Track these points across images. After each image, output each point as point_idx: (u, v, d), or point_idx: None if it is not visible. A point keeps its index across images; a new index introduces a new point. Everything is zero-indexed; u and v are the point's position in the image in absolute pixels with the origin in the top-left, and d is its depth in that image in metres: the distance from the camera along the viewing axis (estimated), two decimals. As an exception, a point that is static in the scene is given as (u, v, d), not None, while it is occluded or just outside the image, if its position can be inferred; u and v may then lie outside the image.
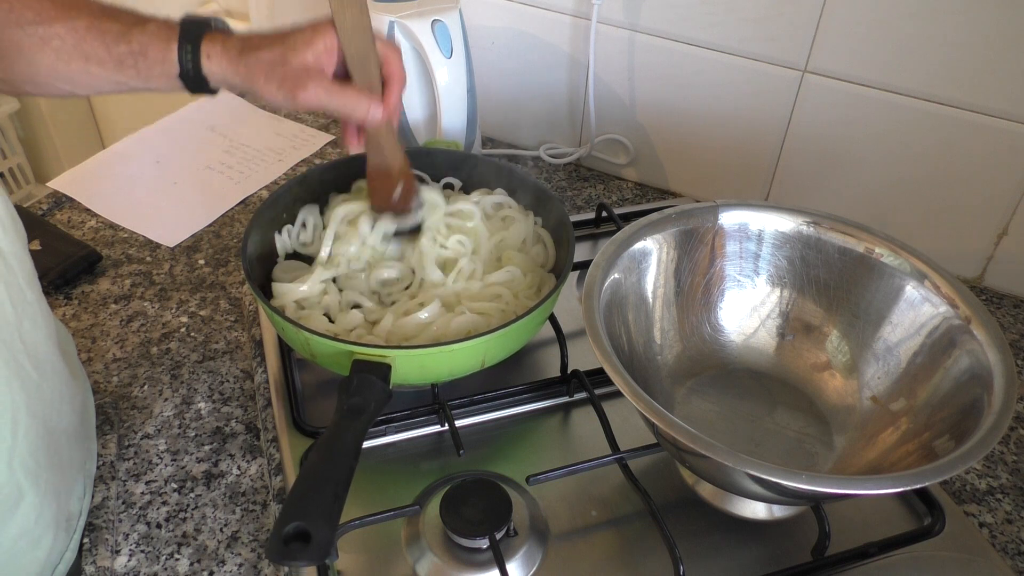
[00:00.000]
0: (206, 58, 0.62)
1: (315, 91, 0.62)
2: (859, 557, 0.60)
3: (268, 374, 0.73)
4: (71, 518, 0.61)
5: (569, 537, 0.62)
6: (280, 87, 0.61)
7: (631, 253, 0.67)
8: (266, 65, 0.61)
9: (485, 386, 0.71)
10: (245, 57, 0.62)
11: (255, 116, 1.15)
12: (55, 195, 0.98)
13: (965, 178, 0.86)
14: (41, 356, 0.56)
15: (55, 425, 0.58)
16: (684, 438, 0.52)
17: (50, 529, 0.57)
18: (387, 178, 0.72)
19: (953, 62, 0.80)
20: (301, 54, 0.62)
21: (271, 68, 0.61)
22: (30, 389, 0.54)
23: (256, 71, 0.62)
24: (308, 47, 0.62)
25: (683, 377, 0.70)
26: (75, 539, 0.62)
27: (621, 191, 1.06)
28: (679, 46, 0.94)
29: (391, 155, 0.71)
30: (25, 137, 1.99)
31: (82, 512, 0.63)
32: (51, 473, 0.57)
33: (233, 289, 0.87)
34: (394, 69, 0.66)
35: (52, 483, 0.57)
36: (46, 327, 0.57)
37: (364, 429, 0.57)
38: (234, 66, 0.62)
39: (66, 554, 0.61)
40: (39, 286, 0.58)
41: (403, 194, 0.73)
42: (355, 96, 0.64)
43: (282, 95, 0.62)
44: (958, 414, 0.58)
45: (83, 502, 0.63)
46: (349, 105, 0.63)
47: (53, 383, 0.58)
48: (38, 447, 0.55)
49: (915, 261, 0.66)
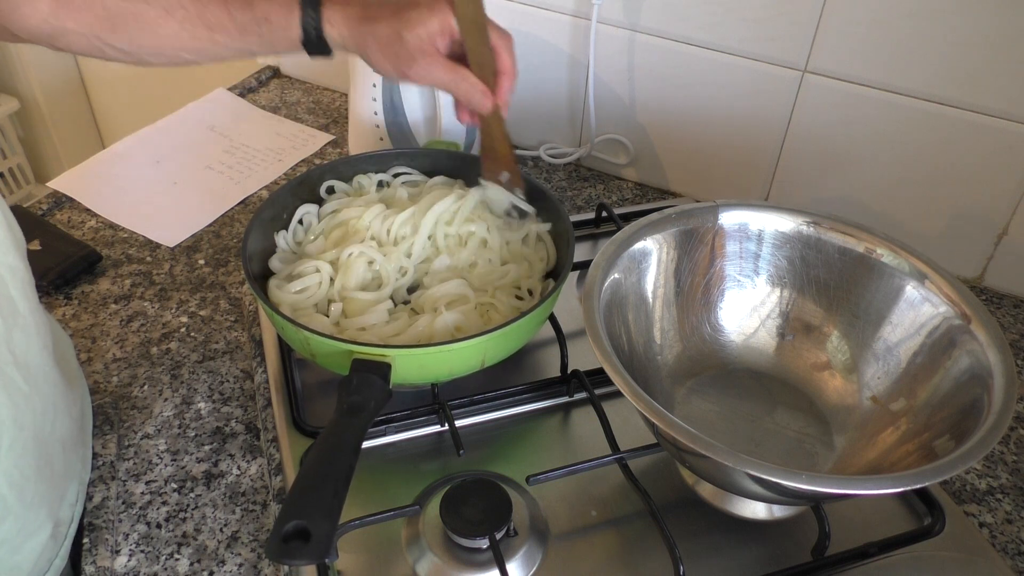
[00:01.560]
0: (328, 24, 0.64)
1: (425, 68, 0.65)
2: (859, 557, 0.60)
3: (268, 374, 0.73)
4: (60, 524, 0.60)
5: (569, 537, 0.62)
6: (392, 62, 0.65)
7: (631, 253, 0.67)
8: (381, 40, 0.64)
9: (485, 386, 0.71)
10: (363, 27, 0.65)
11: (255, 116, 1.15)
12: (55, 195, 0.98)
13: (965, 178, 0.86)
14: (33, 367, 0.55)
15: (48, 435, 0.57)
16: (684, 438, 0.52)
17: (35, 537, 0.57)
18: (494, 161, 0.76)
19: (953, 62, 0.80)
20: (416, 31, 0.64)
21: (386, 44, 0.64)
22: (18, 401, 0.53)
23: (371, 44, 0.65)
24: (423, 25, 0.64)
25: (683, 377, 0.70)
26: (65, 546, 0.61)
27: (621, 191, 1.06)
28: (679, 46, 0.94)
29: (499, 144, 0.74)
30: (25, 137, 1.99)
31: (73, 518, 0.62)
32: (39, 483, 0.56)
33: (233, 289, 0.87)
34: (506, 63, 0.69)
35: (40, 493, 0.56)
36: (40, 338, 0.57)
37: (364, 428, 0.57)
38: (352, 34, 0.65)
39: (55, 561, 0.60)
40: (35, 296, 0.57)
41: (509, 182, 0.77)
42: (466, 79, 0.67)
43: (393, 69, 0.65)
44: (958, 414, 0.58)
45: (75, 508, 0.63)
46: (460, 86, 0.67)
47: (46, 393, 0.57)
48: (25, 458, 0.54)
49: (915, 261, 0.66)
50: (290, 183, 0.78)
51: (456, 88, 0.67)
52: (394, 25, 0.64)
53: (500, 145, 0.74)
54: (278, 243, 0.76)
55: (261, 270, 0.73)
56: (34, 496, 0.56)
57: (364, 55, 0.66)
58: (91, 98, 2.01)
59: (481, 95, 0.68)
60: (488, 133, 0.74)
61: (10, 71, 1.90)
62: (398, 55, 0.64)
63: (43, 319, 0.59)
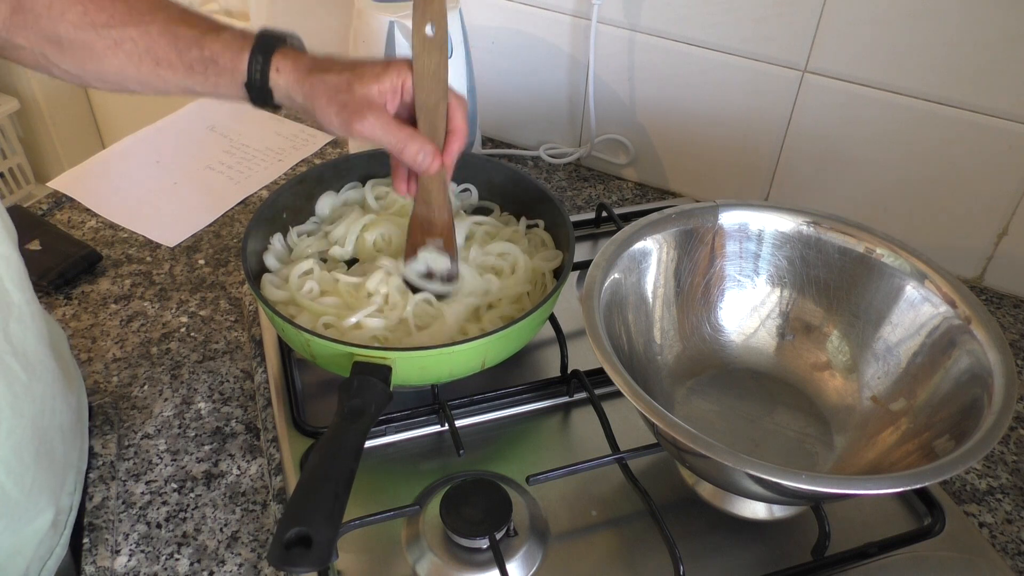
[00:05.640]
0: (275, 71, 0.62)
1: (373, 123, 0.61)
2: (859, 557, 0.60)
3: (268, 374, 0.73)
4: (60, 513, 0.61)
5: (569, 537, 0.62)
6: (339, 112, 0.61)
7: (631, 253, 0.67)
8: (330, 88, 0.61)
9: (485, 386, 0.71)
10: (312, 76, 0.62)
11: (255, 116, 1.15)
12: (55, 195, 0.98)
13: (965, 178, 0.86)
14: (31, 356, 0.56)
15: (48, 424, 0.58)
16: (684, 438, 0.52)
17: (35, 523, 0.58)
18: (428, 232, 0.71)
19: (953, 62, 0.80)
20: (367, 85, 0.62)
21: (335, 92, 0.61)
22: (16, 390, 0.54)
23: (319, 91, 0.62)
24: (376, 80, 0.62)
25: (683, 377, 0.70)
26: (65, 534, 0.62)
27: (621, 191, 1.06)
28: (679, 46, 0.94)
29: (438, 209, 0.70)
30: (25, 137, 2.00)
31: (72, 507, 0.63)
32: (39, 471, 0.57)
33: (233, 289, 0.87)
34: (458, 124, 0.66)
35: (40, 481, 0.57)
36: (36, 328, 0.58)
37: (365, 431, 0.57)
38: (300, 83, 0.62)
39: (56, 549, 0.61)
40: (30, 286, 0.58)
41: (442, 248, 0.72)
42: (414, 138, 0.63)
43: (339, 121, 0.61)
44: (958, 414, 0.58)
45: (73, 497, 0.63)
46: (408, 145, 0.63)
47: (45, 382, 0.58)
48: (24, 446, 0.55)
49: (915, 261, 0.66)
50: (290, 183, 0.78)
51: (404, 147, 0.63)
52: (346, 76, 0.62)
53: (438, 213, 0.70)
54: (273, 243, 0.76)
55: (261, 270, 0.73)
56: (33, 483, 0.56)
57: (311, 105, 0.62)
58: (91, 98, 2.01)
59: (430, 155, 0.64)
60: (426, 201, 0.70)
61: (10, 71, 1.90)
62: (346, 105, 0.61)
63: (38, 309, 0.59)
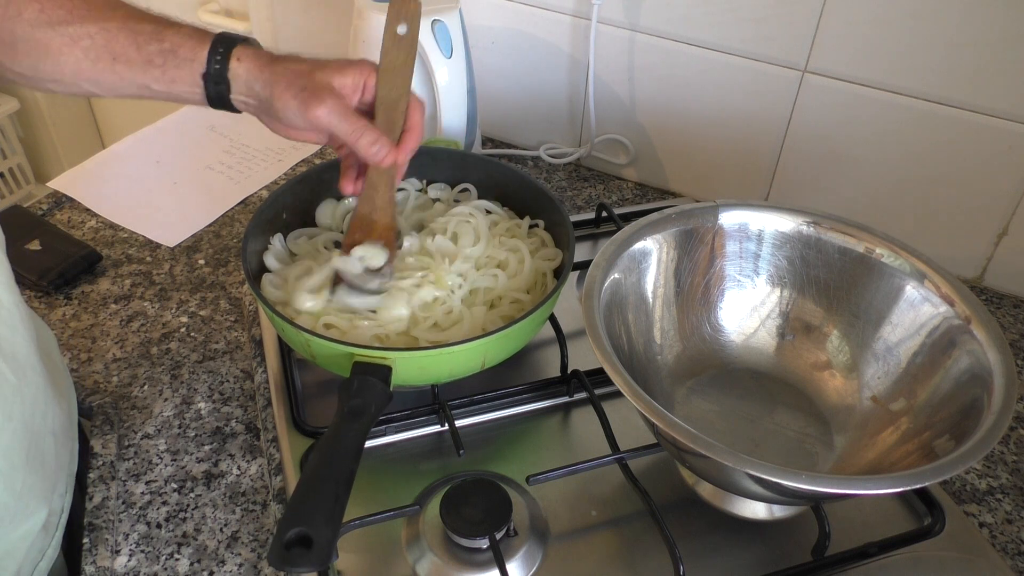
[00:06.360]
0: (236, 60, 0.62)
1: (331, 107, 0.61)
2: (859, 557, 0.60)
3: (268, 374, 0.73)
4: (52, 515, 0.61)
5: (569, 537, 0.62)
6: (297, 96, 0.61)
7: (631, 253, 0.67)
8: (291, 73, 0.62)
9: (485, 386, 0.71)
10: (274, 65, 0.63)
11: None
12: (55, 195, 0.98)
13: (965, 178, 0.86)
14: (21, 359, 0.56)
15: (39, 427, 0.58)
16: (684, 438, 0.52)
17: (25, 525, 0.58)
18: (368, 233, 0.70)
19: (953, 62, 0.80)
20: (328, 76, 0.62)
21: (295, 76, 0.62)
22: (6, 392, 0.54)
23: (279, 77, 0.62)
24: (337, 73, 0.63)
25: (683, 377, 0.70)
26: (57, 536, 0.62)
27: (621, 191, 1.06)
28: (679, 46, 0.94)
29: (381, 209, 0.70)
30: (25, 137, 2.00)
31: (64, 509, 0.63)
32: (29, 474, 0.57)
33: (233, 289, 0.87)
34: (415, 123, 0.67)
35: (30, 483, 0.57)
36: (25, 331, 0.57)
37: (365, 432, 0.57)
38: (260, 70, 0.62)
39: (48, 551, 0.61)
40: (17, 289, 0.58)
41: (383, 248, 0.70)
42: (371, 128, 0.64)
43: (296, 103, 0.61)
44: (958, 414, 0.58)
45: (64, 499, 0.63)
46: (364, 135, 0.63)
47: (35, 385, 0.58)
48: (13, 449, 0.55)
49: (915, 261, 0.66)
50: (290, 183, 0.78)
51: (360, 136, 0.63)
52: (309, 65, 0.62)
53: (381, 215, 0.70)
54: (273, 243, 0.76)
55: (261, 270, 0.73)
56: (23, 486, 0.56)
57: (269, 93, 0.62)
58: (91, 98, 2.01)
59: (386, 147, 0.64)
60: (370, 199, 0.69)
61: (10, 71, 1.90)
62: (305, 88, 0.61)
63: (27, 312, 0.59)
